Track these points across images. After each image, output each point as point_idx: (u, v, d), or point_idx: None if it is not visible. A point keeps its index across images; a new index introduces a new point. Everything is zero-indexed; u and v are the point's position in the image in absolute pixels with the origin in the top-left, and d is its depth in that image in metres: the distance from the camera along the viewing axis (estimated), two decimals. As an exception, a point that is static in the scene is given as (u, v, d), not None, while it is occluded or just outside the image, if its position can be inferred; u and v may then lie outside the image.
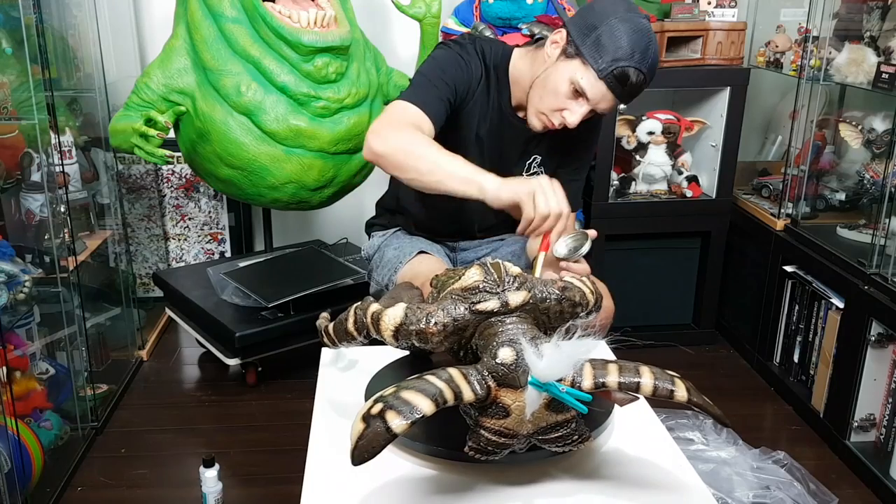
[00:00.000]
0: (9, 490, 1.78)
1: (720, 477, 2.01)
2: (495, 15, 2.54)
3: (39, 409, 2.10)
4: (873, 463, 2.11)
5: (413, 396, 0.89)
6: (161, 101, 2.28)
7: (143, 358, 2.78)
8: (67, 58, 2.43)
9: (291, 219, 3.18)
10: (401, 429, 0.87)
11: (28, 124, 2.07)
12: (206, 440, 2.33)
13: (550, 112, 1.55)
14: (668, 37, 2.59)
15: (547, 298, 1.06)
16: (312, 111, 2.24)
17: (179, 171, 3.03)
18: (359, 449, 0.87)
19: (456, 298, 1.04)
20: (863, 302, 2.13)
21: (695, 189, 2.77)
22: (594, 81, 1.47)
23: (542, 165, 1.73)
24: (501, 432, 0.96)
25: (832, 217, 2.54)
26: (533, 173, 1.72)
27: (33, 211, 2.23)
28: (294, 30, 2.17)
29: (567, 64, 1.50)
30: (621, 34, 1.45)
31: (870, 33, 2.37)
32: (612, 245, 2.78)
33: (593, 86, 1.48)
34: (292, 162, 2.26)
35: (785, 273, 2.55)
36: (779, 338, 2.64)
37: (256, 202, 2.47)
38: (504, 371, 0.95)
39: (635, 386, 0.96)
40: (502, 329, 1.00)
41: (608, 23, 1.46)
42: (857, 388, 2.16)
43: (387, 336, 1.05)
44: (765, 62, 2.77)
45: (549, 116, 1.56)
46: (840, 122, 2.48)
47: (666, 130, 2.70)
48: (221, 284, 2.63)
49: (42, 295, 2.11)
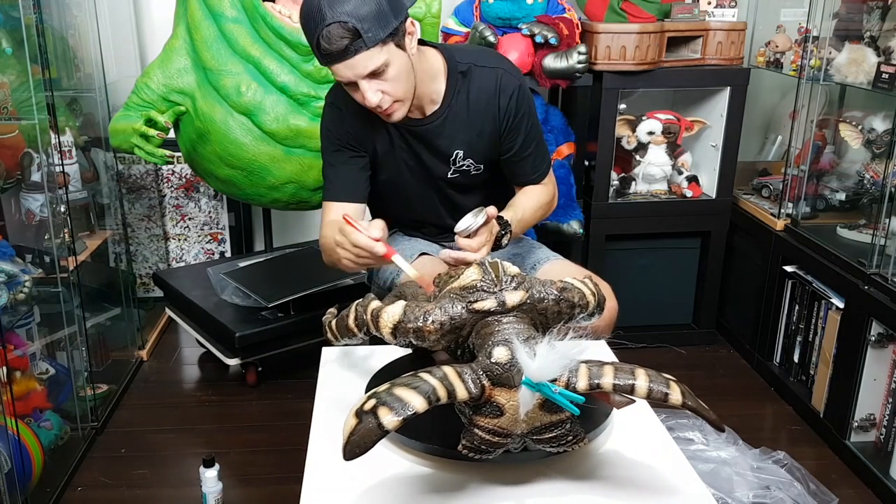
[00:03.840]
0: (9, 490, 1.78)
1: (720, 477, 2.01)
2: (495, 15, 2.54)
3: (39, 409, 2.10)
4: (873, 463, 2.11)
5: (406, 393, 0.89)
6: (161, 101, 2.28)
7: (143, 358, 2.78)
8: (67, 58, 2.43)
9: (291, 219, 3.18)
10: (392, 425, 0.87)
11: (28, 124, 2.08)
12: (206, 440, 2.33)
13: (365, 106, 1.57)
14: (668, 37, 2.59)
15: (545, 299, 1.06)
16: (312, 111, 2.24)
17: (179, 171, 3.03)
18: (350, 444, 0.87)
19: (454, 297, 1.05)
20: (863, 302, 2.13)
21: (695, 189, 2.77)
22: (332, 69, 1.50)
23: (470, 158, 1.73)
24: (495, 431, 0.96)
25: (832, 217, 2.53)
26: (461, 167, 1.73)
27: (33, 211, 2.24)
28: (294, 30, 2.17)
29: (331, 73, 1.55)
30: (301, 18, 1.47)
31: (870, 33, 2.37)
32: (612, 245, 2.78)
33: (335, 72, 1.50)
34: (292, 162, 2.27)
35: (785, 273, 2.55)
36: (779, 338, 2.64)
37: (256, 202, 2.47)
38: (498, 370, 0.95)
39: (630, 388, 0.96)
40: (498, 328, 1.00)
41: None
42: (857, 388, 2.16)
43: (385, 333, 1.05)
44: (765, 62, 2.77)
45: (372, 109, 1.57)
46: (840, 122, 2.47)
47: (666, 130, 2.70)
48: (221, 284, 2.63)
49: (42, 295, 2.11)
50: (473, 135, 1.70)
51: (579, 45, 2.48)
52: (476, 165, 1.74)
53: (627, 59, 2.54)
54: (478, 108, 1.68)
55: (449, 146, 1.70)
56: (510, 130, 1.71)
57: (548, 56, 2.48)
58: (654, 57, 2.57)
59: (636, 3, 2.56)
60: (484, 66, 1.68)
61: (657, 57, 2.58)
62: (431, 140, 1.70)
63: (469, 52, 1.75)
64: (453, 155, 1.72)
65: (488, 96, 1.68)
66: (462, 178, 1.75)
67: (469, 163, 1.73)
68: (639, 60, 2.55)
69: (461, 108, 1.68)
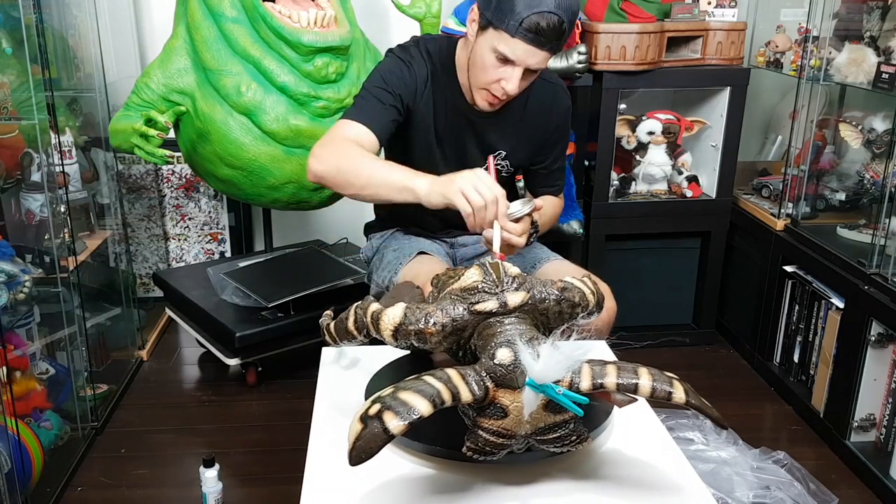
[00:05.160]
0: (9, 490, 1.78)
1: (720, 477, 2.01)
2: (495, 15, 2.54)
3: (39, 409, 2.10)
4: (873, 463, 2.11)
5: (411, 397, 0.89)
6: (161, 101, 2.28)
7: (143, 358, 2.78)
8: (67, 58, 2.43)
9: (291, 219, 3.18)
10: (398, 430, 0.87)
11: (28, 124, 2.07)
12: (206, 440, 2.33)
13: (489, 86, 1.57)
14: (668, 37, 2.59)
15: (546, 299, 1.06)
16: (312, 111, 2.24)
17: (179, 171, 3.03)
18: (356, 449, 0.87)
19: (455, 299, 1.05)
20: (863, 302, 2.13)
21: (695, 189, 2.77)
22: (509, 41, 1.48)
23: (508, 160, 1.76)
24: (499, 433, 0.96)
25: (832, 217, 2.53)
26: (497, 166, 1.75)
27: (33, 211, 2.23)
28: (294, 30, 2.17)
29: (484, 36, 1.53)
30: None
31: (870, 33, 2.37)
32: (612, 245, 2.78)
33: (511, 47, 1.49)
34: (292, 162, 2.26)
35: (785, 273, 2.55)
36: (779, 338, 2.64)
37: (256, 202, 2.47)
38: (502, 372, 0.95)
39: (633, 387, 0.96)
40: (501, 330, 1.00)
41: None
42: (857, 388, 2.16)
43: (386, 336, 1.05)
44: (765, 62, 2.77)
45: (489, 91, 1.58)
46: (840, 122, 2.47)
47: (666, 130, 2.70)
48: (221, 284, 2.63)
49: (42, 295, 2.11)
50: (520, 140, 1.74)
51: (579, 45, 2.48)
52: (508, 168, 1.78)
53: (627, 59, 2.54)
54: (531, 116, 1.73)
55: (497, 143, 1.73)
56: (551, 145, 1.78)
57: (548, 56, 2.48)
58: (654, 57, 2.57)
59: (636, 3, 2.56)
60: (544, 80, 1.73)
61: (657, 57, 2.58)
62: (484, 132, 1.72)
63: None
64: (496, 153, 1.74)
65: (543, 108, 1.74)
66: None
67: (506, 164, 1.77)
68: (639, 60, 2.55)
69: (517, 111, 1.71)
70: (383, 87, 1.63)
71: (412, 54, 1.68)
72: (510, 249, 1.48)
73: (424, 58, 1.68)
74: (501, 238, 1.39)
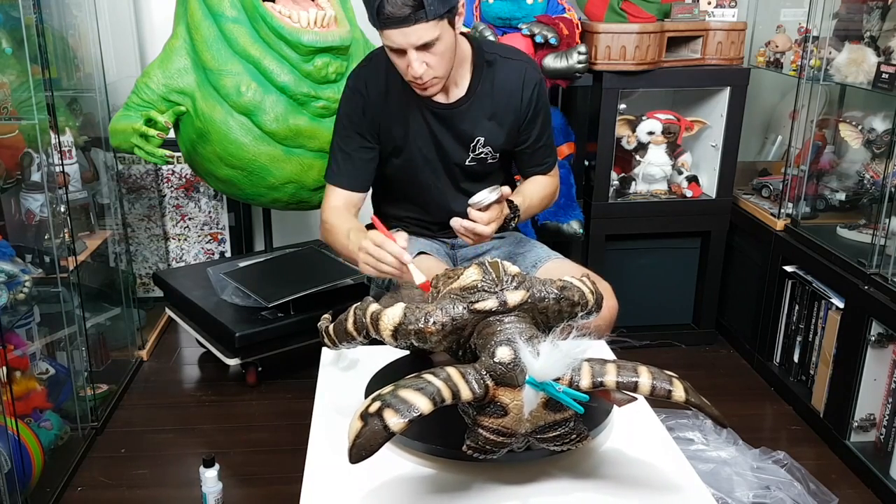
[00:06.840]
0: (9, 490, 1.78)
1: (720, 477, 2.01)
2: (495, 15, 2.54)
3: (39, 409, 2.10)
4: (873, 463, 2.11)
5: (411, 395, 0.89)
6: (161, 101, 2.28)
7: (143, 358, 2.78)
8: (67, 58, 2.43)
9: (291, 219, 3.18)
10: (398, 427, 0.87)
11: (28, 124, 2.07)
12: (206, 440, 2.33)
13: (407, 77, 1.63)
14: (668, 37, 2.59)
15: (545, 298, 1.06)
16: (312, 111, 2.24)
17: (179, 171, 3.03)
18: (356, 447, 0.87)
19: (454, 298, 1.05)
20: (863, 302, 2.13)
21: (695, 189, 2.77)
22: (384, 35, 1.55)
23: (488, 145, 1.78)
24: (500, 431, 0.96)
25: (832, 217, 2.53)
26: (480, 154, 1.78)
27: (33, 211, 2.23)
28: (294, 30, 2.17)
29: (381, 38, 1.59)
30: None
31: (870, 33, 2.37)
32: (612, 245, 2.78)
33: (387, 38, 1.55)
34: (292, 162, 2.27)
35: (785, 273, 2.55)
36: (779, 338, 2.64)
37: (256, 202, 2.47)
38: (502, 370, 0.95)
39: (633, 385, 0.96)
40: (500, 328, 1.00)
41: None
42: (857, 388, 2.16)
43: (386, 336, 1.05)
44: (765, 62, 2.77)
45: (413, 81, 1.63)
46: (840, 122, 2.47)
47: (666, 130, 2.70)
48: (221, 284, 2.63)
49: (42, 295, 2.11)
50: (495, 123, 1.76)
51: (579, 45, 2.48)
52: (493, 154, 1.79)
53: (627, 59, 2.54)
54: (501, 97, 1.74)
55: (472, 131, 1.75)
56: (529, 122, 1.79)
57: (548, 56, 2.48)
58: (654, 57, 2.57)
59: (636, 3, 2.56)
60: (509, 59, 1.76)
61: (657, 57, 2.58)
62: (456, 124, 1.74)
63: (494, 45, 1.86)
64: (475, 141, 1.76)
65: (513, 87, 1.75)
66: (478, 165, 1.80)
67: (487, 150, 1.78)
68: (639, 60, 2.55)
69: (486, 95, 1.74)
70: (348, 133, 1.76)
71: (364, 75, 1.75)
72: (479, 238, 1.56)
73: (381, 70, 1.73)
74: (467, 228, 1.51)
